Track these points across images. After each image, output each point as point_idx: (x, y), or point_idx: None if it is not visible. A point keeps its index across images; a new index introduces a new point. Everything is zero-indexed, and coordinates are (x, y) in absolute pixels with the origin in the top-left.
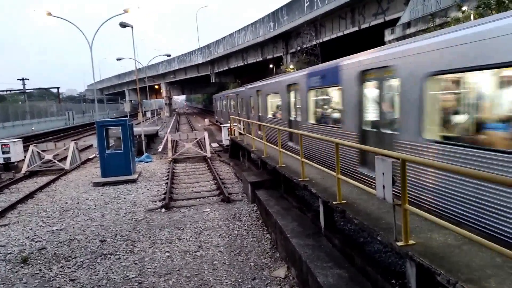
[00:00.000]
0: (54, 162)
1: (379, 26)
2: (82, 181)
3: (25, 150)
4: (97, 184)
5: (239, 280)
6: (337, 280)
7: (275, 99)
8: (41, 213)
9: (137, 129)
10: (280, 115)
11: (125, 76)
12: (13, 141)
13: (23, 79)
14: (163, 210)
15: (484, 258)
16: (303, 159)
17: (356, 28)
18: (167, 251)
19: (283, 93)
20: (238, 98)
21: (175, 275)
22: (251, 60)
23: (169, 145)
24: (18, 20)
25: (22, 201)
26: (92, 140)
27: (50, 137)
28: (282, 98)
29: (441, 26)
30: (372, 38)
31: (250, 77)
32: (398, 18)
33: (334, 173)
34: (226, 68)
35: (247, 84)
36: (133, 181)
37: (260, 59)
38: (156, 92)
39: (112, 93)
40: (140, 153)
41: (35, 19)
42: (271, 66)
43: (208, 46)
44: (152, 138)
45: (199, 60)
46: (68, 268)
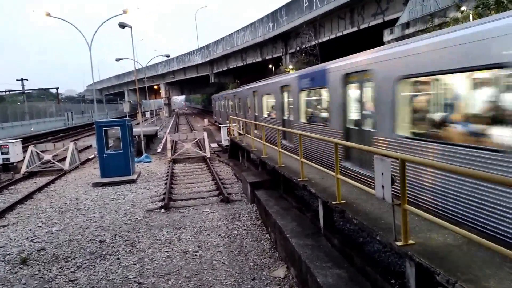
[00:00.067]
0: (53, 163)
1: (378, 26)
2: (81, 182)
3: (24, 151)
4: (97, 185)
5: (239, 280)
6: (337, 280)
7: (270, 100)
8: (40, 214)
9: (136, 130)
10: (275, 115)
11: (124, 77)
12: (12, 142)
13: (22, 80)
14: (163, 211)
15: (484, 258)
16: (303, 159)
17: (355, 29)
18: (167, 252)
19: (277, 94)
20: (236, 99)
21: (175, 276)
22: (250, 61)
23: (168, 146)
24: (18, 20)
25: (21, 202)
26: (91, 141)
27: (49, 138)
28: (276, 99)
29: (440, 26)
30: (371, 38)
31: (250, 78)
32: (397, 19)
33: (334, 173)
34: (225, 69)
35: (245, 85)
36: (133, 182)
37: (259, 60)
38: (155, 93)
39: (111, 94)
40: (140, 154)
41: (35, 20)
42: (270, 67)
43: (207, 47)
44: (152, 139)
45: (198, 61)
46: (68, 269)
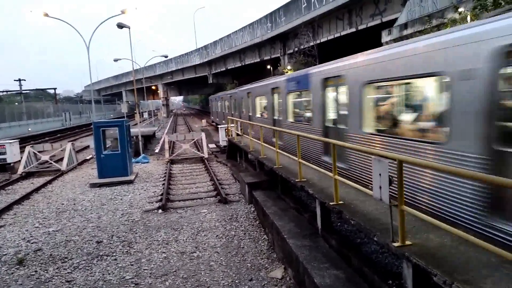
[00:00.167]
0: (51, 163)
1: (377, 27)
2: (79, 182)
3: (22, 151)
4: (94, 185)
5: (236, 281)
6: (334, 281)
7: (263, 101)
8: (37, 214)
9: (134, 130)
10: (266, 115)
11: (122, 77)
12: (10, 142)
13: (20, 80)
14: (160, 211)
15: (480, 259)
16: (300, 160)
17: (354, 29)
18: (164, 252)
19: (268, 96)
20: (232, 100)
21: (172, 276)
22: (249, 61)
23: (166, 146)
24: (16, 21)
25: (18, 202)
26: (89, 141)
27: (47, 138)
28: (268, 100)
29: (438, 27)
30: (370, 39)
31: (248, 78)
32: (395, 19)
33: (331, 174)
34: (224, 69)
35: (241, 86)
36: (130, 182)
37: (258, 60)
38: (154, 93)
39: (109, 94)
40: (137, 154)
41: (33, 20)
42: (269, 67)
43: (206, 47)
44: (149, 139)
45: (197, 61)
46: (64, 270)
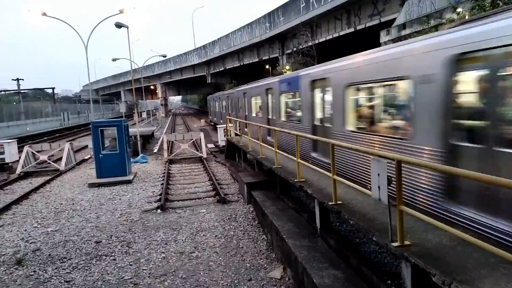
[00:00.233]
0: (49, 163)
1: (375, 27)
2: (77, 182)
3: (20, 151)
4: (92, 185)
5: (235, 281)
6: (333, 281)
7: (258, 101)
8: (36, 214)
9: (133, 130)
10: (261, 114)
11: (121, 77)
12: (8, 142)
13: (18, 80)
14: (159, 211)
15: (479, 259)
16: (299, 160)
17: (352, 29)
18: (163, 252)
19: (263, 96)
20: (229, 100)
21: (171, 276)
22: (247, 61)
23: (165, 146)
24: (14, 20)
25: (17, 202)
26: (88, 141)
27: (45, 138)
28: (262, 100)
29: (436, 28)
30: (368, 39)
31: (246, 78)
32: (394, 20)
33: (330, 174)
34: (222, 69)
35: (238, 87)
36: (129, 182)
37: (256, 60)
38: (152, 93)
39: (108, 94)
40: (136, 154)
41: (31, 19)
42: (267, 67)
43: (204, 47)
44: (148, 139)
45: (195, 61)
46: (63, 270)
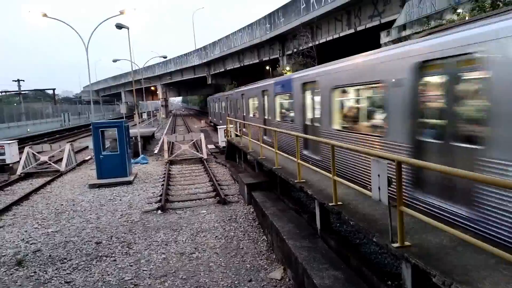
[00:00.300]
0: (50, 164)
1: (375, 28)
2: (78, 183)
3: (21, 152)
4: (93, 186)
5: (235, 282)
6: (333, 282)
7: (255, 102)
8: (36, 215)
9: (133, 131)
10: (258, 115)
11: (121, 78)
12: (8, 143)
13: (19, 81)
14: (159, 212)
15: (479, 259)
16: (299, 161)
17: (352, 30)
18: (163, 253)
19: (260, 97)
20: (228, 101)
21: (171, 277)
22: (248, 62)
23: (165, 147)
24: (14, 20)
25: (17, 203)
26: (88, 142)
27: (46, 139)
28: (259, 101)
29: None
30: (369, 40)
31: (247, 79)
32: (394, 21)
33: (330, 175)
34: (223, 70)
35: (237, 88)
36: (129, 183)
37: (257, 61)
38: (152, 94)
39: (108, 95)
40: (136, 155)
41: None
42: (268, 68)
43: (205, 48)
44: (148, 140)
45: (196, 62)
46: (63, 271)
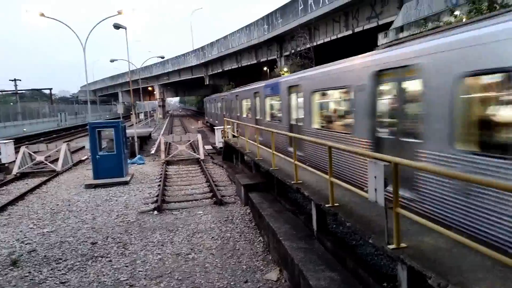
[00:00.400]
0: (46, 164)
1: (373, 30)
2: (74, 183)
3: (17, 152)
4: (89, 186)
5: (231, 283)
6: (329, 283)
7: (248, 103)
8: (32, 215)
9: (130, 131)
10: (251, 115)
11: (118, 78)
12: (4, 142)
13: (15, 80)
14: (155, 213)
15: (474, 261)
16: (296, 162)
17: (350, 32)
18: (159, 254)
19: (252, 99)
20: (224, 101)
21: (167, 278)
22: (245, 63)
23: (162, 147)
24: (12, 20)
25: (12, 203)
26: (85, 142)
27: (42, 139)
28: (251, 102)
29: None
30: (366, 42)
31: (245, 80)
32: (392, 22)
33: (327, 176)
34: (220, 71)
35: (231, 89)
36: (126, 183)
37: (254, 62)
38: (150, 94)
39: (105, 95)
40: (133, 155)
41: (29, 19)
42: (265, 69)
43: (202, 48)
44: (145, 140)
45: (193, 62)
46: (59, 271)
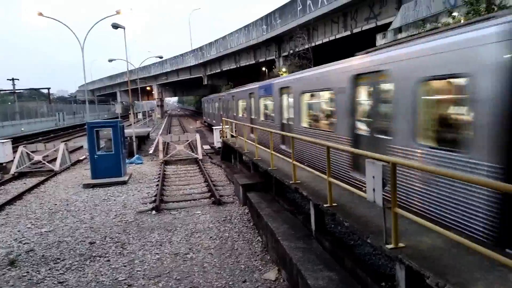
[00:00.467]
0: (44, 163)
1: (371, 31)
2: (72, 183)
3: (14, 151)
4: (87, 186)
5: (230, 283)
6: (327, 283)
7: (243, 103)
8: (30, 215)
9: (128, 131)
10: (246, 115)
11: (117, 77)
12: (2, 142)
13: (13, 79)
14: (154, 212)
15: (473, 261)
16: (295, 162)
17: (348, 32)
18: (157, 254)
19: (247, 99)
20: (221, 102)
21: (165, 278)
22: (244, 63)
23: (160, 147)
24: (10, 19)
25: (10, 203)
26: (83, 142)
27: (40, 138)
28: (246, 102)
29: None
30: (364, 42)
31: (243, 80)
32: (390, 23)
33: (325, 176)
34: (219, 71)
35: (228, 90)
36: (124, 183)
37: (253, 62)
38: (148, 94)
39: (104, 94)
40: (131, 155)
41: (30, 19)
42: (264, 69)
43: (201, 48)
44: (143, 140)
45: (192, 62)
46: (57, 271)
